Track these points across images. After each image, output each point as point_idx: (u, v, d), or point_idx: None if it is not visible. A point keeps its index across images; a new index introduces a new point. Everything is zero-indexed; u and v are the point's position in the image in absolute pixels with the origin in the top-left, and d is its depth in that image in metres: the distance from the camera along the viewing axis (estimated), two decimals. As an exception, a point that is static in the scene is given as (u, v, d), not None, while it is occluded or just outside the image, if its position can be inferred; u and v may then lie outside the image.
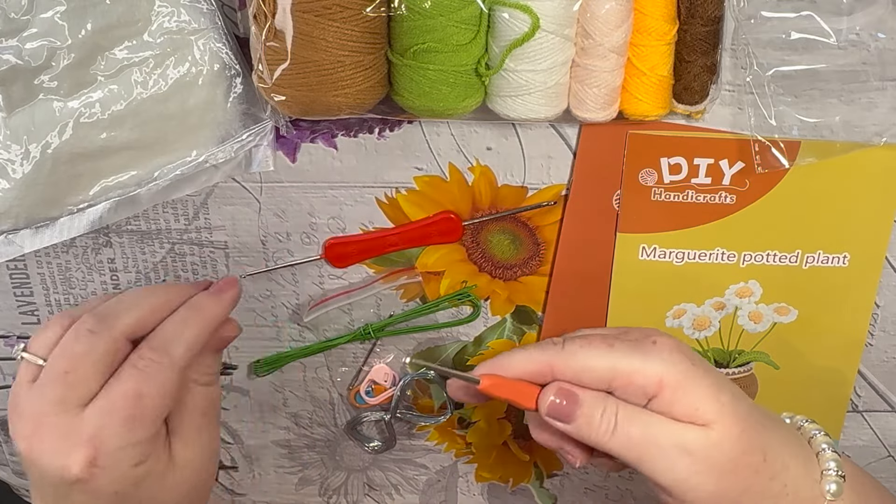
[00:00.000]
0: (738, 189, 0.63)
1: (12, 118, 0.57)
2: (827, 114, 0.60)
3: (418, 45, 0.54)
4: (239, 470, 0.77)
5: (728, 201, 0.63)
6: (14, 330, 0.70)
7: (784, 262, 0.65)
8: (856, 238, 0.65)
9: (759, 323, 0.68)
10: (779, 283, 0.66)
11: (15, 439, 0.51)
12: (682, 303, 0.67)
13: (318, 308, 0.69)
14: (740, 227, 0.64)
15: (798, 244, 0.65)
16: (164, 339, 0.52)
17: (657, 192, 0.63)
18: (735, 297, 0.67)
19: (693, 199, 0.63)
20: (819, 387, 0.70)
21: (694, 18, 0.56)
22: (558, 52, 0.55)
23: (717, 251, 0.65)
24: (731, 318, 0.68)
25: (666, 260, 0.65)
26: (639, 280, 0.66)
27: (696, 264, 0.65)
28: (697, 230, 0.64)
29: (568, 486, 0.77)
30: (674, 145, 0.62)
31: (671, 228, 0.64)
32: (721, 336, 0.68)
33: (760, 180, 0.62)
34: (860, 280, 0.66)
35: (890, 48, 0.58)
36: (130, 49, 0.57)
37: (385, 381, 0.72)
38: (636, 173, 0.63)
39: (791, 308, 0.67)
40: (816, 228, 0.64)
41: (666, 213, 0.64)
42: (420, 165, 0.64)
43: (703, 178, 0.63)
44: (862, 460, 0.75)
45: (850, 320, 0.68)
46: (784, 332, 0.68)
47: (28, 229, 0.61)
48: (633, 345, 0.51)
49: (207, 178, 0.61)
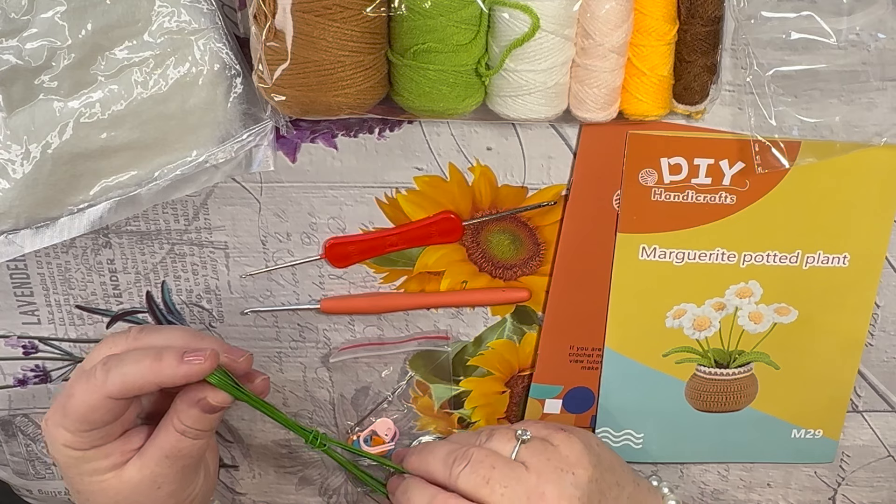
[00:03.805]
0: (739, 189, 0.63)
1: (12, 118, 0.56)
2: (827, 114, 0.60)
3: (418, 46, 0.54)
4: (239, 469, 0.77)
5: (728, 201, 0.63)
6: (14, 330, 0.70)
7: (784, 262, 0.65)
8: (856, 238, 0.65)
9: (759, 323, 0.68)
10: (779, 284, 0.66)
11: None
12: (683, 303, 0.67)
13: (347, 352, 0.69)
14: (740, 227, 0.64)
15: (798, 244, 0.65)
16: (116, 363, 0.56)
17: (657, 192, 0.63)
18: (735, 297, 0.67)
19: (693, 199, 0.63)
20: (819, 387, 0.70)
21: (694, 18, 0.56)
22: (558, 53, 0.55)
23: (717, 251, 0.65)
24: (731, 319, 0.68)
25: (666, 260, 0.65)
26: (639, 280, 0.66)
27: (697, 264, 0.65)
28: (698, 230, 0.64)
29: (568, 486, 0.77)
30: (674, 145, 0.62)
31: (671, 228, 0.64)
32: (721, 336, 0.68)
33: (760, 181, 0.62)
34: (860, 280, 0.66)
35: (890, 48, 0.58)
36: (130, 49, 0.57)
37: (386, 435, 0.73)
38: (636, 173, 0.63)
39: (791, 308, 0.67)
40: (816, 229, 0.64)
41: (666, 214, 0.64)
42: (420, 165, 0.64)
43: (704, 179, 0.63)
44: (862, 460, 0.75)
45: (849, 320, 0.68)
46: (784, 332, 0.68)
47: (28, 229, 0.61)
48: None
49: (207, 178, 0.61)
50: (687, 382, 0.70)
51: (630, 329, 0.68)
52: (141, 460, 0.59)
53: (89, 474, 0.58)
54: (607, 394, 0.71)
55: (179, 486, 0.60)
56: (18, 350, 0.71)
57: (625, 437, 0.73)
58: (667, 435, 0.73)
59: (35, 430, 0.75)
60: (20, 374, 0.72)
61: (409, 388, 0.72)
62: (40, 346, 0.71)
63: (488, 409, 0.73)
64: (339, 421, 0.74)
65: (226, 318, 0.70)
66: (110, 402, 0.56)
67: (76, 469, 0.58)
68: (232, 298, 0.69)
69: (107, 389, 0.55)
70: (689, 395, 0.71)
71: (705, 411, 0.71)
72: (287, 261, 0.67)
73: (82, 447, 0.58)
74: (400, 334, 0.70)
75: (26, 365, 0.72)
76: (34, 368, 0.72)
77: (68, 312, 0.69)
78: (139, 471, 0.58)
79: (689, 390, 0.71)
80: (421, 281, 0.68)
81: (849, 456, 0.75)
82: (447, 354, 0.70)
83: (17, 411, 0.74)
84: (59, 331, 0.70)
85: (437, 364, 0.71)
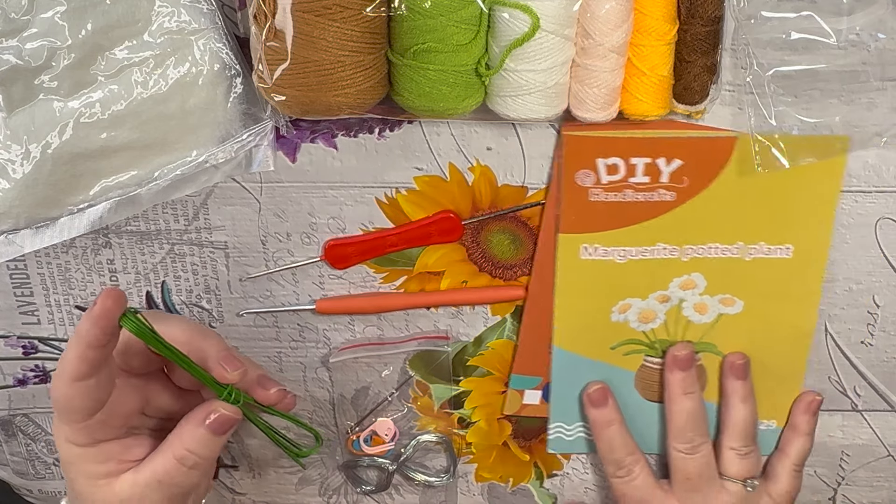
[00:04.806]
0: (677, 186, 0.63)
1: (12, 118, 0.57)
2: (827, 114, 0.60)
3: (418, 45, 0.54)
4: (239, 469, 0.77)
5: (668, 198, 0.63)
6: (14, 330, 0.70)
7: (727, 254, 0.65)
8: (798, 229, 0.65)
9: (704, 314, 0.68)
10: (722, 275, 0.66)
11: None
12: (627, 297, 0.67)
13: (347, 352, 0.69)
14: (681, 222, 0.64)
15: (740, 236, 0.65)
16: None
17: (595, 192, 0.63)
18: (679, 289, 0.67)
19: (632, 197, 0.63)
20: (769, 379, 0.70)
21: (694, 18, 0.56)
22: (558, 52, 0.55)
23: (658, 246, 0.65)
24: (676, 310, 0.68)
25: (608, 258, 0.65)
26: (582, 279, 0.66)
27: (639, 260, 0.66)
28: (638, 227, 0.64)
29: (568, 486, 0.77)
30: (609, 146, 0.62)
31: (612, 227, 0.64)
32: (668, 327, 0.68)
33: (699, 176, 0.62)
34: (805, 271, 0.66)
35: (890, 48, 0.58)
36: (130, 49, 0.57)
37: (386, 435, 0.73)
38: (573, 174, 0.63)
39: (736, 299, 0.67)
40: (758, 220, 0.64)
41: (605, 213, 0.64)
42: (420, 165, 0.64)
43: (641, 177, 0.63)
44: (862, 460, 0.75)
45: (796, 311, 0.68)
46: (731, 322, 0.68)
47: (28, 229, 0.61)
48: None
49: (207, 178, 0.61)
50: (636, 373, 0.70)
51: (577, 326, 0.68)
52: (134, 477, 0.58)
53: (85, 476, 0.58)
54: (559, 390, 0.71)
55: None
56: (18, 350, 0.71)
57: (578, 431, 0.73)
58: None
59: (35, 429, 0.75)
60: (20, 374, 0.72)
61: (409, 388, 0.72)
62: (40, 346, 0.71)
63: (488, 409, 0.73)
64: (339, 421, 0.74)
65: (226, 318, 0.70)
66: (76, 385, 0.54)
67: (75, 467, 0.58)
68: (232, 298, 0.69)
69: (66, 374, 0.54)
70: (638, 386, 0.71)
71: (655, 401, 0.71)
72: (287, 261, 0.67)
73: (83, 442, 0.57)
74: (400, 334, 0.70)
75: (26, 365, 0.72)
76: (34, 368, 0.72)
77: (68, 312, 0.69)
78: (130, 487, 0.58)
79: (638, 381, 0.71)
80: (421, 281, 0.68)
81: (849, 456, 0.75)
82: (447, 354, 0.70)
83: (17, 411, 0.74)
84: (59, 331, 0.70)
85: (437, 364, 0.71)
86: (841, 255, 0.67)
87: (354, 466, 0.75)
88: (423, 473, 0.75)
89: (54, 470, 0.77)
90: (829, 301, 0.68)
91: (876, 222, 0.65)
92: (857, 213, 0.65)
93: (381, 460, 0.74)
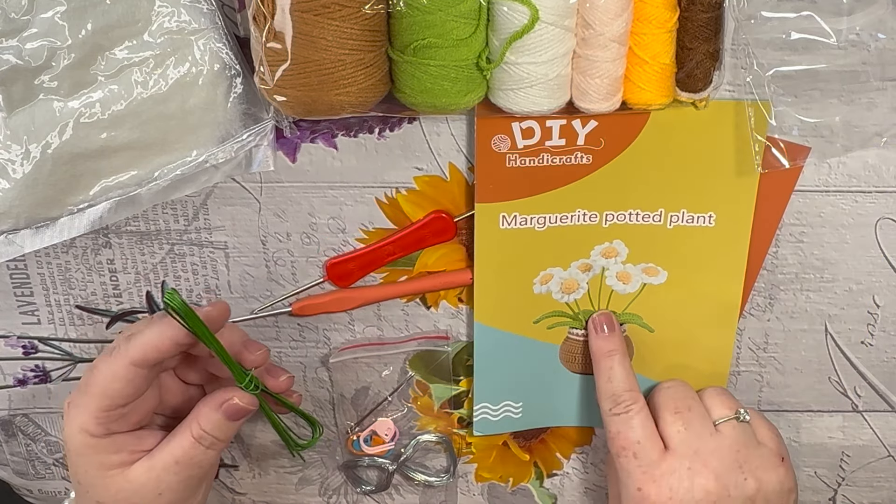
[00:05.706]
0: (594, 148, 0.61)
1: (12, 118, 0.57)
2: (827, 114, 0.60)
3: (418, 42, 0.54)
4: (239, 469, 0.77)
5: (584, 161, 0.62)
6: (14, 330, 0.70)
7: (647, 221, 0.64)
8: (720, 197, 0.63)
9: (627, 283, 0.67)
10: (644, 244, 0.65)
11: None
12: (549, 268, 0.66)
13: (347, 352, 0.69)
14: (599, 186, 0.63)
15: (661, 203, 0.64)
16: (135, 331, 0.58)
17: (511, 158, 0.62)
18: (601, 257, 0.66)
19: (549, 161, 0.62)
20: (697, 353, 0.69)
21: (694, 5, 0.55)
22: (558, 44, 0.55)
23: (578, 213, 0.64)
24: (599, 280, 0.67)
25: (528, 226, 0.64)
26: (502, 249, 0.65)
27: (559, 227, 0.64)
28: (556, 193, 0.63)
29: (568, 486, 0.77)
30: None
31: (530, 194, 0.63)
32: (591, 297, 0.67)
33: (616, 138, 0.61)
34: (728, 240, 0.65)
35: (890, 48, 0.58)
36: (130, 49, 0.57)
37: (386, 435, 0.73)
38: (489, 140, 0.61)
39: (660, 269, 0.66)
40: (679, 187, 0.63)
41: (523, 179, 0.62)
42: (420, 165, 0.64)
43: (557, 140, 0.61)
44: (862, 460, 0.75)
45: (721, 282, 0.66)
46: (655, 293, 0.67)
47: (28, 229, 0.61)
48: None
49: (207, 178, 0.61)
50: (560, 346, 0.69)
51: (498, 300, 0.67)
52: (149, 462, 0.59)
53: (96, 467, 0.59)
54: (482, 368, 0.70)
55: (180, 497, 0.60)
56: (18, 350, 0.71)
57: (504, 410, 0.72)
58: (546, 401, 0.72)
59: (35, 430, 0.75)
60: (20, 374, 0.72)
61: (409, 388, 0.72)
62: (40, 346, 0.71)
63: (488, 409, 0.73)
64: (339, 421, 0.74)
65: (226, 318, 0.70)
66: (132, 370, 0.57)
67: (86, 458, 0.59)
68: (232, 298, 0.69)
69: (129, 355, 0.57)
70: (563, 359, 0.70)
71: (581, 373, 0.70)
72: (287, 261, 0.67)
73: (98, 432, 0.58)
74: (400, 334, 0.70)
75: (26, 365, 0.72)
76: (34, 368, 0.72)
77: (68, 312, 0.69)
78: (146, 472, 0.59)
79: (563, 354, 0.70)
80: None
81: (849, 456, 0.75)
82: (447, 354, 0.70)
83: (17, 411, 0.74)
84: (58, 331, 0.70)
85: (437, 364, 0.71)
86: (841, 255, 0.67)
87: (354, 466, 0.75)
88: (423, 473, 0.75)
89: (54, 470, 0.77)
90: (829, 301, 0.68)
91: (876, 222, 0.65)
92: (857, 213, 0.65)
93: (381, 460, 0.74)
